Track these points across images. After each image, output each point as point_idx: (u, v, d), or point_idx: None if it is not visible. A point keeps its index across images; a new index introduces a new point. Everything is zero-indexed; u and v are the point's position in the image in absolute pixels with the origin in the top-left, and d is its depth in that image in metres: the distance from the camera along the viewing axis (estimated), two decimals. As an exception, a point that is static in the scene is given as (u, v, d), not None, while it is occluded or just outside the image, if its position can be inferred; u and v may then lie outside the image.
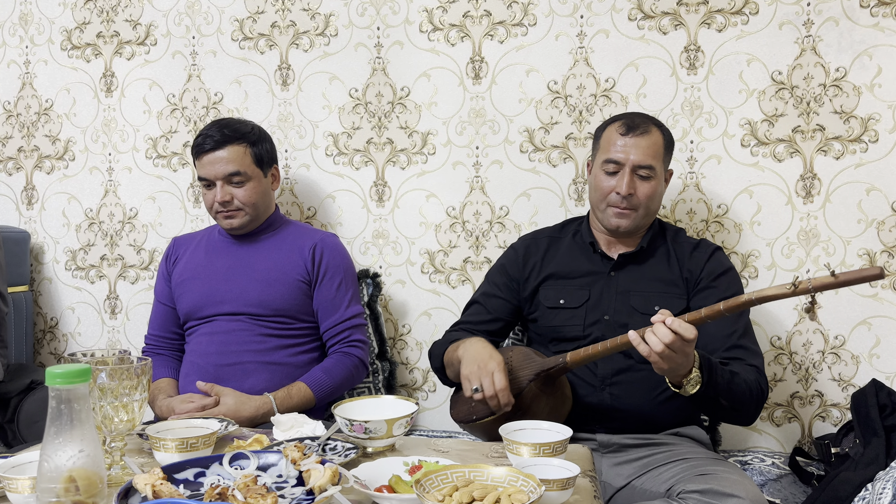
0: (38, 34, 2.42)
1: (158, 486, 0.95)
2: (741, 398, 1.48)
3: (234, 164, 1.84)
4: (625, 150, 1.65)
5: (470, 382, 1.49)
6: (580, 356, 1.49)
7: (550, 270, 1.76)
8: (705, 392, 1.40)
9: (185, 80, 2.32)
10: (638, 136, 1.65)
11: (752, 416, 1.56)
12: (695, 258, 1.70)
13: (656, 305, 1.62)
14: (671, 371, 1.36)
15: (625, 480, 1.56)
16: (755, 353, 1.60)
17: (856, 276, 1.21)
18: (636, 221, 1.68)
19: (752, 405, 1.53)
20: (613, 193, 1.66)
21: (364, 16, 2.19)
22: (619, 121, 1.70)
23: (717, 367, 1.43)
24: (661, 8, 2.03)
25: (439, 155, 2.18)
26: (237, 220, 1.87)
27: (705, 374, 1.39)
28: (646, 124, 1.68)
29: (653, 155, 1.65)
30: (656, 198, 1.69)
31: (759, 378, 1.54)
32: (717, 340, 1.59)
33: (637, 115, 1.73)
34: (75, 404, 0.87)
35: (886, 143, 1.94)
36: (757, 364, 1.57)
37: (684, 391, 1.40)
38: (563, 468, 1.10)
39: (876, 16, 1.93)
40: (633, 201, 1.65)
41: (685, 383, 1.39)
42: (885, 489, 1.31)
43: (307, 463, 1.03)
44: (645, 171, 1.65)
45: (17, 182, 2.47)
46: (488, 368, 1.47)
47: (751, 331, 1.64)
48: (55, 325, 2.46)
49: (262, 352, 1.82)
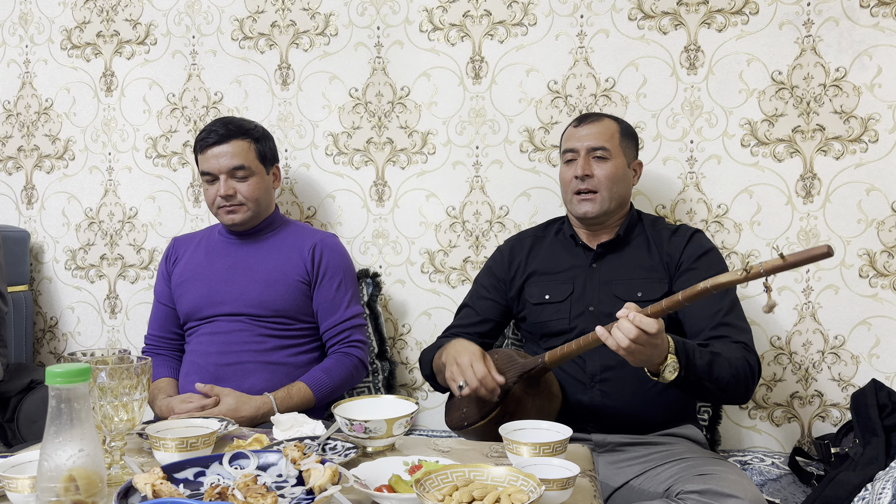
0: (37, 33, 2.42)
1: (158, 486, 0.95)
2: (726, 378, 1.46)
3: (239, 159, 1.85)
4: (579, 137, 1.74)
5: (455, 382, 1.49)
6: (557, 355, 1.50)
7: (534, 267, 1.78)
8: (686, 377, 1.39)
9: (185, 80, 2.32)
10: (590, 124, 1.75)
11: (743, 394, 1.53)
12: (673, 242, 1.71)
13: (639, 292, 1.65)
14: (644, 362, 1.36)
15: (622, 480, 1.56)
16: (742, 329, 1.59)
17: (804, 255, 1.21)
18: (601, 205, 1.70)
19: (742, 384, 1.50)
20: (574, 179, 1.72)
21: (364, 15, 2.19)
22: (575, 119, 1.80)
23: (694, 350, 1.42)
24: (661, 8, 2.03)
25: (439, 154, 2.18)
26: (239, 216, 1.87)
27: (682, 358, 1.38)
28: (598, 115, 1.78)
29: (606, 138, 1.72)
30: (619, 181, 1.72)
31: (746, 355, 1.52)
32: (703, 320, 1.59)
33: (592, 112, 1.83)
34: (75, 403, 0.87)
35: (886, 143, 1.94)
36: (744, 340, 1.56)
37: (663, 378, 1.39)
38: (562, 468, 1.10)
39: (876, 16, 1.93)
40: (592, 182, 1.70)
41: (662, 370, 1.38)
42: (885, 489, 1.31)
43: (307, 462, 1.03)
44: (600, 153, 1.71)
45: (16, 181, 2.47)
46: (465, 362, 1.48)
47: (737, 308, 1.63)
48: (55, 325, 2.46)
49: (261, 352, 1.82)
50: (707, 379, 1.44)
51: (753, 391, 1.56)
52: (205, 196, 1.91)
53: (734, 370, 1.48)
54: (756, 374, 1.54)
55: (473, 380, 1.46)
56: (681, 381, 1.39)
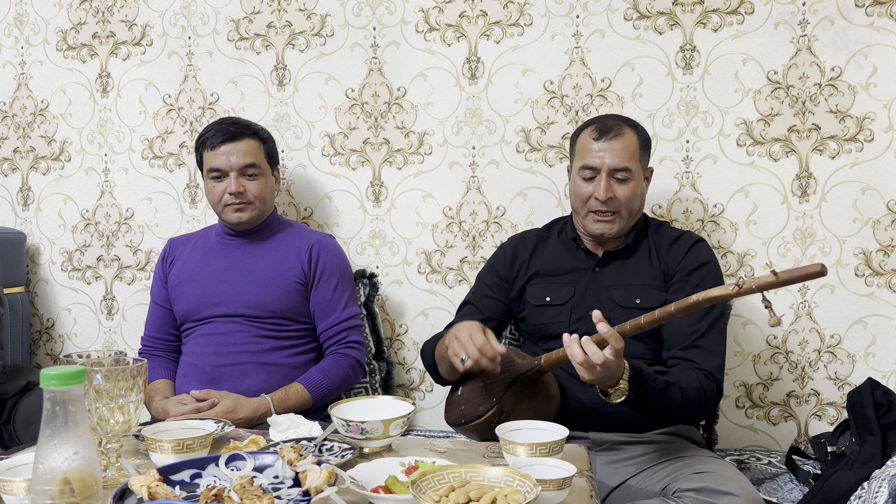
0: (33, 35, 2.42)
1: (154, 488, 0.95)
2: (673, 407, 1.47)
3: (251, 157, 1.86)
4: (600, 156, 1.65)
5: (458, 357, 1.49)
6: (553, 359, 1.49)
7: (537, 269, 1.77)
8: (633, 402, 1.40)
9: (181, 81, 2.32)
10: (611, 140, 1.65)
11: (690, 420, 1.56)
12: (673, 252, 1.70)
13: (637, 299, 1.64)
14: (598, 381, 1.36)
15: (620, 479, 1.56)
16: (712, 353, 1.58)
17: (797, 274, 1.22)
18: (619, 225, 1.68)
19: (691, 412, 1.51)
20: (593, 199, 1.66)
21: (360, 16, 2.19)
22: (592, 125, 1.70)
23: (649, 377, 1.42)
24: (656, 8, 2.03)
25: (436, 155, 2.18)
26: (247, 214, 1.87)
27: (634, 384, 1.38)
28: (618, 126, 1.68)
29: (628, 157, 1.65)
30: (637, 198, 1.69)
31: (703, 384, 1.52)
32: (677, 338, 1.59)
33: (609, 118, 1.72)
34: (70, 406, 0.87)
35: (882, 143, 1.94)
36: (708, 368, 1.55)
37: (609, 399, 1.40)
38: (559, 468, 1.10)
39: (871, 15, 1.93)
40: (613, 204, 1.65)
41: (612, 392, 1.39)
42: (881, 488, 1.31)
43: (303, 464, 1.03)
44: (622, 174, 1.65)
45: (12, 183, 2.46)
46: (465, 336, 1.49)
47: (715, 329, 1.61)
48: (51, 326, 2.46)
49: (258, 353, 1.82)
50: (657, 405, 1.45)
51: (705, 416, 1.58)
52: (209, 194, 1.90)
53: (686, 399, 1.48)
54: (710, 402, 1.54)
55: (474, 350, 1.46)
56: (628, 404, 1.40)
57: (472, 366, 1.47)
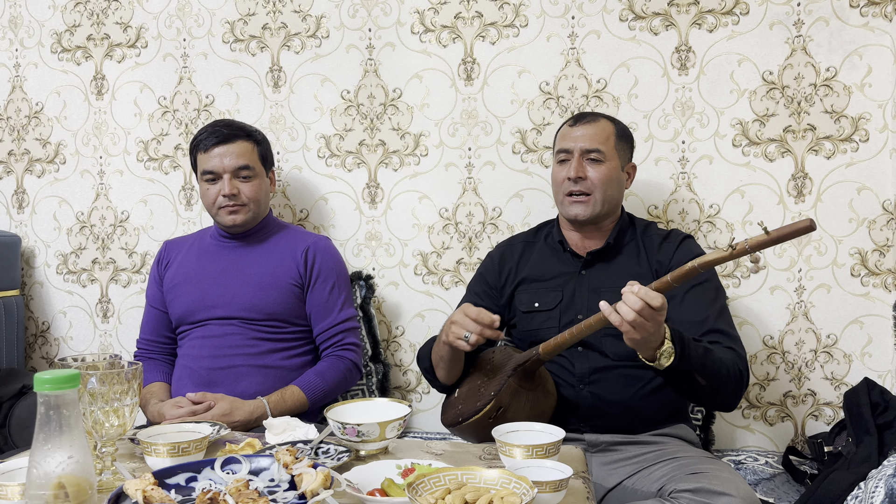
0: (27, 37, 2.41)
1: (149, 492, 0.95)
2: (718, 376, 1.46)
3: (244, 159, 1.85)
4: (573, 138, 1.73)
5: (460, 340, 1.50)
6: (551, 346, 1.50)
7: (524, 274, 1.78)
8: (679, 365, 1.39)
9: (176, 83, 2.31)
10: (585, 125, 1.73)
11: (731, 398, 1.53)
12: (664, 249, 1.71)
13: None
14: (643, 342, 1.35)
15: (616, 480, 1.56)
16: (732, 336, 1.59)
17: (788, 230, 1.24)
18: (593, 208, 1.70)
19: (731, 386, 1.50)
20: (566, 181, 1.71)
21: (355, 17, 2.19)
22: (571, 118, 1.79)
23: (689, 340, 1.42)
24: (652, 9, 2.03)
25: (432, 156, 2.17)
26: (241, 216, 1.86)
27: (678, 345, 1.38)
28: (594, 115, 1.76)
29: (601, 140, 1.71)
30: (612, 184, 1.71)
31: (736, 360, 1.52)
32: (692, 326, 1.56)
33: (588, 112, 1.80)
34: (64, 410, 0.87)
35: (877, 143, 1.94)
36: (735, 347, 1.56)
37: (658, 364, 1.39)
38: (555, 470, 1.10)
39: (866, 16, 1.93)
40: (585, 185, 1.69)
41: (658, 356, 1.38)
42: (878, 487, 1.31)
43: (299, 467, 1.03)
44: (594, 155, 1.70)
45: (7, 186, 2.45)
46: (459, 316, 1.51)
47: (726, 314, 1.63)
48: (47, 330, 2.45)
49: (254, 355, 1.82)
50: (700, 372, 1.43)
51: (741, 398, 1.56)
52: (203, 197, 1.90)
53: (727, 369, 1.48)
54: (745, 382, 1.54)
55: (470, 323, 1.48)
56: (674, 371, 1.39)
57: (477, 340, 1.48)
